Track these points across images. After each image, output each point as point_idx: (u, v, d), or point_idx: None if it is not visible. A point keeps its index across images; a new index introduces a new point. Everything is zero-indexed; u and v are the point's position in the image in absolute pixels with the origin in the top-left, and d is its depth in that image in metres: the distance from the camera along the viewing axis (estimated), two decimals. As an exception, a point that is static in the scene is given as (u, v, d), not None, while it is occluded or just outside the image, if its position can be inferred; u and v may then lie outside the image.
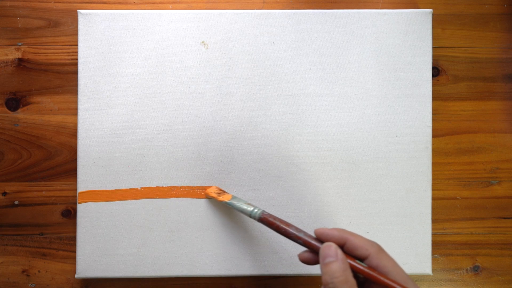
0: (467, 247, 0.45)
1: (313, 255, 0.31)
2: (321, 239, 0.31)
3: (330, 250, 0.28)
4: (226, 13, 0.42)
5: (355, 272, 0.28)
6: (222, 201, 0.40)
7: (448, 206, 0.45)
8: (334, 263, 0.28)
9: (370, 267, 0.28)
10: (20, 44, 0.44)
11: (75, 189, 0.44)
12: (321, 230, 0.30)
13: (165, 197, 0.42)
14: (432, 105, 0.43)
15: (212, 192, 0.41)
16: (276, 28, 0.42)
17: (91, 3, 0.45)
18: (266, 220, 0.34)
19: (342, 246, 0.30)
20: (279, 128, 0.42)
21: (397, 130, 0.42)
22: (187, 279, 0.44)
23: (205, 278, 0.44)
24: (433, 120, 0.44)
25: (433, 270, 0.44)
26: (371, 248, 0.28)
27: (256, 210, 0.36)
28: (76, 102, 0.43)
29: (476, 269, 0.45)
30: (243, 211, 0.37)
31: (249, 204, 0.38)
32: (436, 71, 0.45)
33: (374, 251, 0.28)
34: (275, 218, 0.34)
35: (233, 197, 0.40)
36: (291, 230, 0.32)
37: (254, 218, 0.36)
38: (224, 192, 0.41)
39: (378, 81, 0.42)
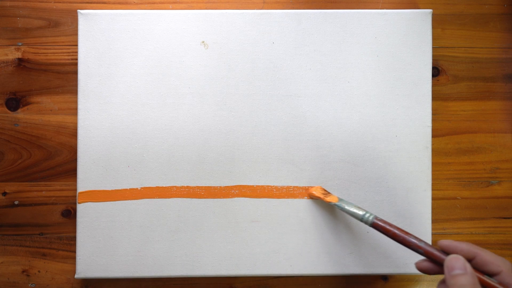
0: (467, 247, 0.45)
1: (433, 265, 0.30)
2: (447, 251, 0.30)
3: (457, 262, 0.28)
4: (226, 13, 0.42)
5: None
6: (329, 202, 0.39)
7: (448, 206, 0.45)
8: (463, 276, 0.27)
9: (502, 284, 0.27)
10: (20, 44, 0.44)
11: (75, 189, 0.44)
12: (447, 242, 0.30)
13: (165, 197, 0.42)
14: (432, 105, 0.43)
15: (317, 192, 0.41)
16: (276, 28, 0.42)
17: (91, 3, 0.45)
18: (380, 226, 0.34)
19: (470, 261, 0.29)
20: (279, 128, 0.42)
21: (397, 130, 0.42)
22: (187, 279, 0.44)
23: (205, 278, 0.44)
24: (433, 120, 0.44)
25: (433, 270, 0.44)
26: (504, 265, 0.28)
27: (368, 215, 0.35)
28: (76, 102, 0.43)
29: (476, 269, 0.45)
30: (353, 215, 0.37)
31: (359, 207, 0.37)
32: (436, 71, 0.45)
33: (507, 268, 0.27)
34: (390, 224, 0.33)
35: (340, 199, 0.39)
36: (410, 239, 0.31)
37: (366, 223, 0.35)
38: (329, 193, 0.41)
39: (378, 81, 0.42)
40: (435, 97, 0.45)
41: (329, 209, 0.42)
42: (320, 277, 0.45)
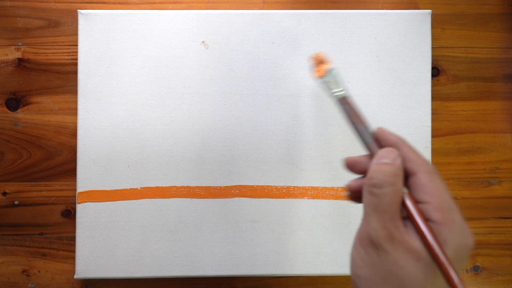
0: (467, 247, 0.45)
1: (361, 161, 0.27)
2: (378, 137, 0.27)
3: (391, 153, 0.25)
4: (226, 13, 0.42)
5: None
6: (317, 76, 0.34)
7: (448, 206, 0.45)
8: (389, 166, 0.24)
9: (416, 186, 0.24)
10: (20, 44, 0.44)
11: (75, 189, 0.44)
12: (382, 130, 0.27)
13: (165, 197, 0.42)
14: (432, 105, 0.43)
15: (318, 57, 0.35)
16: (276, 29, 0.42)
17: (91, 3, 0.45)
18: (345, 103, 0.30)
19: None
20: (279, 128, 0.42)
21: (397, 130, 0.42)
22: (187, 279, 0.44)
23: (205, 278, 0.44)
24: (433, 120, 0.44)
25: (433, 270, 0.44)
26: (424, 166, 0.24)
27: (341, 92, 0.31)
28: (76, 102, 0.43)
29: (476, 269, 0.45)
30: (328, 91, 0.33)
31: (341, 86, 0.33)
32: (436, 71, 0.45)
33: (425, 169, 0.24)
34: (356, 107, 0.30)
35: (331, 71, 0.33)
36: (360, 127, 0.28)
37: (335, 99, 0.32)
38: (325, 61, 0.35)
39: (378, 82, 0.42)
40: (435, 97, 0.45)
41: (329, 208, 0.42)
42: (320, 277, 0.45)
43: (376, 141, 0.27)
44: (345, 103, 0.31)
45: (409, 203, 0.24)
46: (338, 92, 0.32)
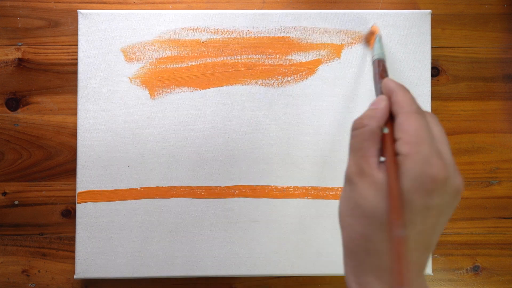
0: (467, 247, 0.45)
1: None
2: (383, 88, 0.28)
3: (378, 100, 0.27)
4: (226, 13, 0.42)
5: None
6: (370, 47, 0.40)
7: (448, 206, 0.45)
8: (369, 111, 0.26)
9: (396, 125, 0.25)
10: (20, 44, 0.44)
11: (75, 189, 0.44)
12: (386, 79, 0.28)
13: (165, 197, 0.42)
14: (432, 105, 0.43)
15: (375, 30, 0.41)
16: (276, 29, 0.42)
17: (91, 3, 0.45)
18: (377, 65, 0.34)
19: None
20: (279, 128, 0.42)
21: (397, 130, 0.42)
22: (187, 279, 0.44)
23: (205, 278, 0.44)
24: (433, 120, 0.44)
25: (433, 270, 0.44)
26: (407, 107, 0.25)
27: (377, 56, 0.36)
28: (76, 102, 0.43)
29: (476, 269, 0.45)
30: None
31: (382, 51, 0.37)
32: (436, 71, 0.45)
33: (407, 110, 0.25)
34: (384, 69, 0.33)
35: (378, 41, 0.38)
36: (378, 86, 0.30)
37: (372, 59, 0.37)
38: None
39: (378, 81, 0.42)
40: (435, 97, 0.45)
41: (329, 208, 0.42)
42: (320, 277, 0.45)
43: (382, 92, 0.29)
44: (377, 65, 0.34)
45: (386, 140, 0.25)
46: (376, 56, 0.36)
